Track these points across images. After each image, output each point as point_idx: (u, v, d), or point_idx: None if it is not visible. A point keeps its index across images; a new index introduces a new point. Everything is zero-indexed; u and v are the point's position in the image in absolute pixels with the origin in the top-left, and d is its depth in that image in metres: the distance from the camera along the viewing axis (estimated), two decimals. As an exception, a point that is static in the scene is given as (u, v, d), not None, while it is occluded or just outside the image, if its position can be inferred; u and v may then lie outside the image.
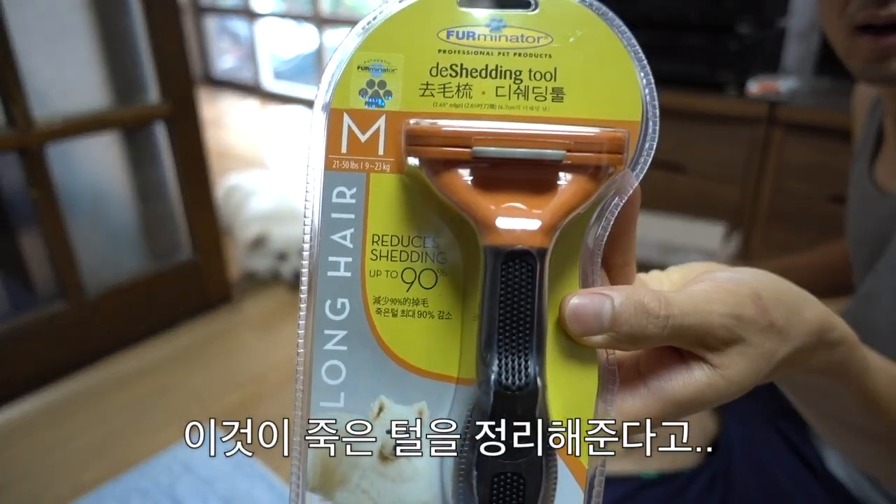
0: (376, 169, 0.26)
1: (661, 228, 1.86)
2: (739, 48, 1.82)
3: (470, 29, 0.26)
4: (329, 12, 3.99)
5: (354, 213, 0.26)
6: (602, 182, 0.26)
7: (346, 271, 0.26)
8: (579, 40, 0.26)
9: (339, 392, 0.27)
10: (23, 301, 1.48)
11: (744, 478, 0.84)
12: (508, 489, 0.25)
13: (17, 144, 1.27)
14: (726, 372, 0.27)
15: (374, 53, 0.25)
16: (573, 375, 0.26)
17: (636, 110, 0.28)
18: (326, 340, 0.26)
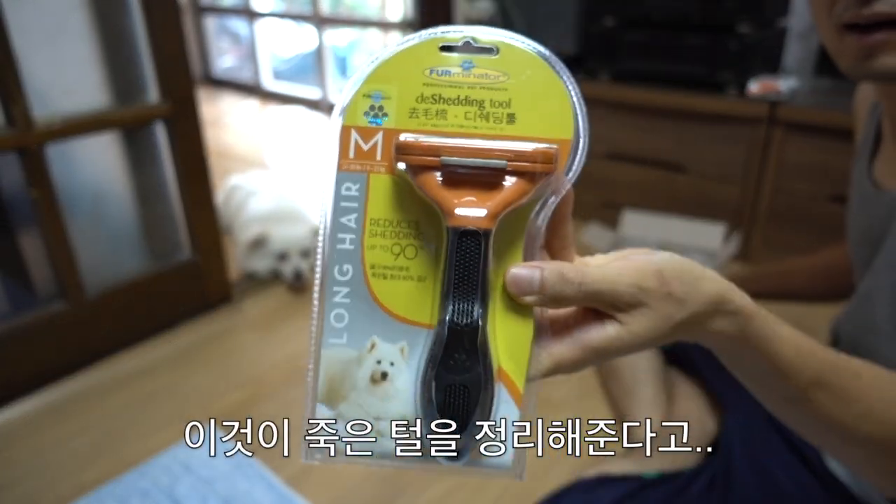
0: (374, 170, 0.35)
1: (661, 228, 1.86)
2: (740, 48, 1.82)
3: (447, 68, 0.35)
4: (329, 12, 3.99)
5: (357, 203, 0.35)
6: (536, 184, 0.34)
7: (350, 245, 0.36)
8: (529, 78, 0.35)
9: (343, 333, 0.35)
10: (22, 301, 1.48)
11: (744, 477, 0.84)
12: (456, 396, 0.35)
13: (17, 144, 1.27)
14: (631, 328, 0.36)
15: (376, 85, 0.35)
16: (516, 326, 0.35)
17: (569, 131, 0.35)
18: (334, 295, 0.35)
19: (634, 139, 2.06)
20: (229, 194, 2.21)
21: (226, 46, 4.93)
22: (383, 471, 1.17)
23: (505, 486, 1.13)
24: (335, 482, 1.14)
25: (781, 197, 1.83)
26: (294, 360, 1.51)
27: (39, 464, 1.20)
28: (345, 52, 4.20)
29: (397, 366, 0.36)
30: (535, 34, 1.68)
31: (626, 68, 2.05)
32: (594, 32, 2.08)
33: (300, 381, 1.43)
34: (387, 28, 3.84)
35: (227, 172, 2.58)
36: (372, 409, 0.37)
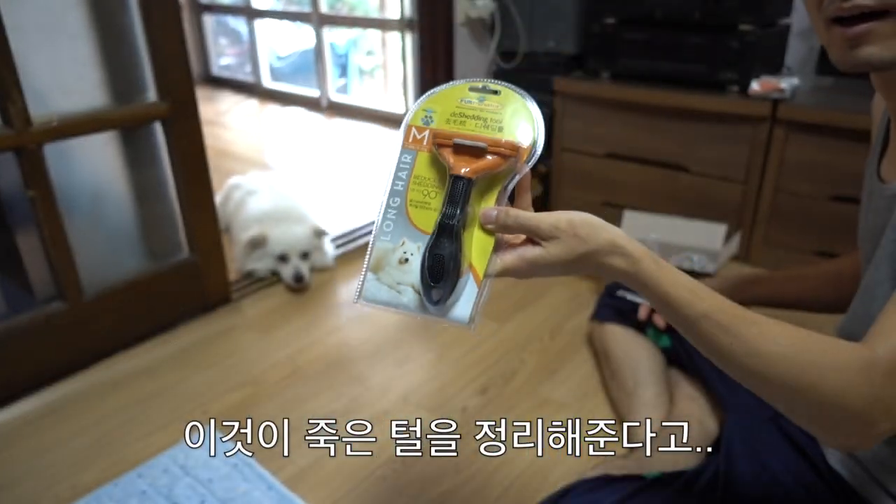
0: (421, 150, 0.62)
1: (661, 228, 1.85)
2: (741, 47, 1.82)
3: (470, 99, 0.62)
4: (328, 10, 3.99)
5: (409, 166, 0.62)
6: (506, 162, 0.59)
7: (401, 188, 0.61)
8: (514, 109, 0.62)
9: (389, 234, 0.61)
10: (21, 301, 1.48)
11: (745, 476, 0.84)
12: (437, 262, 0.57)
13: (15, 144, 1.27)
14: (549, 251, 0.59)
15: (429, 104, 0.64)
16: (483, 241, 0.60)
17: (530, 138, 0.61)
18: (387, 214, 0.61)
19: (635, 139, 2.06)
20: (228, 194, 2.21)
21: (225, 45, 4.92)
22: (383, 471, 1.16)
23: (505, 486, 1.12)
24: (335, 483, 1.14)
25: (783, 196, 1.83)
26: (294, 359, 1.51)
27: (38, 464, 1.19)
28: (344, 50, 4.20)
29: (414, 255, 0.60)
30: (535, 33, 1.70)
31: (627, 67, 2.05)
32: (595, 31, 2.08)
33: (300, 381, 1.42)
34: (386, 27, 3.83)
35: (227, 172, 2.57)
36: (397, 278, 0.61)
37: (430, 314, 0.59)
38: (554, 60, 2.21)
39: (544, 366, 1.47)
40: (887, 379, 0.55)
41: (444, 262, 0.57)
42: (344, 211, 2.42)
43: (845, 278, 1.00)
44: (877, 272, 0.72)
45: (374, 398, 1.37)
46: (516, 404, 1.34)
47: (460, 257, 0.58)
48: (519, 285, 1.85)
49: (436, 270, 0.57)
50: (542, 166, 2.30)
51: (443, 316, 0.59)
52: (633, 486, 0.86)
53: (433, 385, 1.41)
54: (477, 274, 0.60)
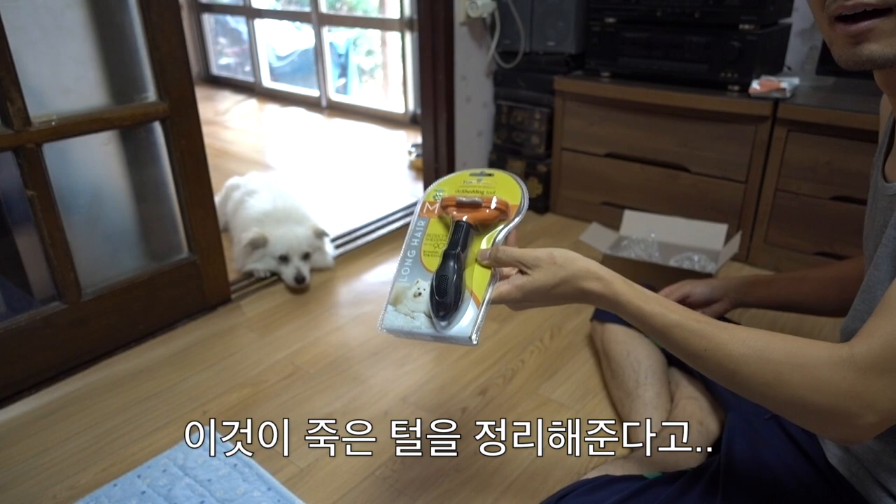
0: (433, 216, 0.82)
1: (662, 228, 1.85)
2: (742, 46, 1.81)
3: (470, 180, 0.85)
4: (328, 10, 3.98)
5: (423, 228, 0.82)
6: (497, 215, 0.78)
7: (416, 244, 0.80)
8: (505, 184, 0.82)
9: (406, 276, 0.77)
10: (19, 301, 1.47)
11: (745, 474, 0.83)
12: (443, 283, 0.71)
13: (14, 143, 1.26)
14: (533, 277, 0.73)
15: (440, 186, 0.86)
16: (483, 274, 0.75)
17: (518, 203, 0.79)
18: (405, 262, 0.78)
19: (635, 138, 2.06)
20: (227, 194, 2.20)
21: (225, 45, 4.92)
22: (383, 472, 1.16)
23: (505, 487, 1.12)
24: (334, 483, 1.14)
25: (783, 196, 1.82)
26: (293, 360, 1.50)
27: (36, 465, 1.19)
28: (344, 50, 4.19)
29: (426, 290, 0.74)
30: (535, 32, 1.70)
31: (627, 67, 2.04)
32: (595, 31, 2.07)
33: (299, 382, 1.42)
34: (386, 26, 3.83)
35: (226, 172, 2.57)
36: (412, 307, 0.75)
37: (438, 332, 0.72)
38: (554, 60, 2.21)
39: (544, 366, 1.46)
40: (864, 375, 0.59)
41: (448, 280, 0.71)
42: (344, 211, 2.42)
43: (850, 281, 1.00)
44: (877, 271, 0.72)
45: (374, 398, 1.36)
46: (516, 404, 1.34)
47: (462, 281, 0.73)
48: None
49: (441, 287, 0.71)
50: (543, 166, 2.30)
51: (448, 331, 0.71)
52: (634, 487, 0.85)
53: (433, 385, 1.41)
54: (477, 298, 0.73)
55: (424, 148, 2.40)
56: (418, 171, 2.71)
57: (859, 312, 0.78)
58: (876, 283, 0.73)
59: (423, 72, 2.26)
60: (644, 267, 1.66)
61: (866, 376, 0.59)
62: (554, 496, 0.88)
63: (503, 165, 2.40)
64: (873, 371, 0.59)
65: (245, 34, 4.49)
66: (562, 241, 2.12)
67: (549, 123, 2.25)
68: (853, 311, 0.80)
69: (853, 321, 0.80)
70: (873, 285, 0.73)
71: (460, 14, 2.18)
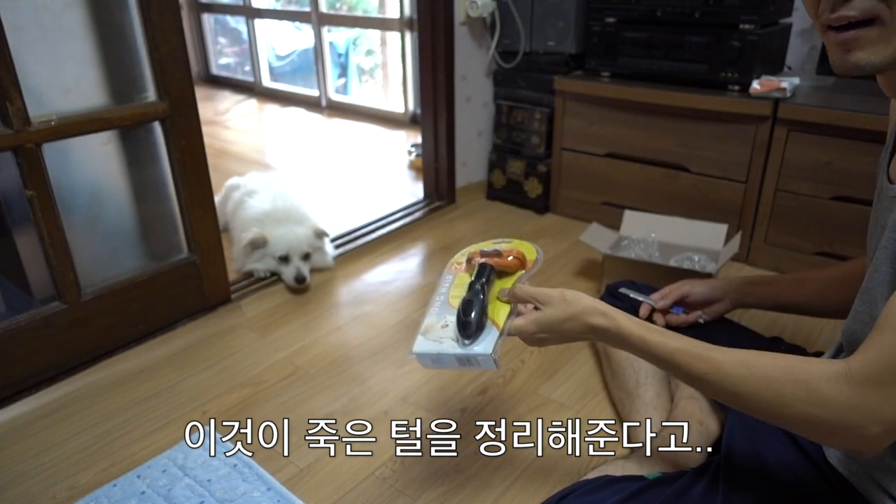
0: (460, 272, 0.97)
1: (662, 228, 1.85)
2: (742, 46, 1.81)
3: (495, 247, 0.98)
4: (328, 10, 3.98)
5: (450, 280, 0.95)
6: (517, 266, 0.92)
7: (445, 291, 0.93)
8: (521, 245, 0.98)
9: (435, 314, 0.89)
10: (19, 301, 1.47)
11: (746, 474, 0.83)
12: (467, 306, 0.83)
13: (13, 143, 1.26)
14: (545, 312, 0.82)
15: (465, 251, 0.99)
16: (502, 308, 0.86)
17: (534, 256, 0.95)
18: (435, 304, 0.91)
19: (635, 138, 2.05)
20: (227, 194, 2.20)
21: (225, 45, 4.92)
22: (383, 472, 1.16)
23: (506, 486, 1.12)
24: (334, 483, 1.14)
25: (783, 196, 1.82)
26: (293, 360, 1.50)
27: (36, 465, 1.19)
28: (343, 50, 4.19)
29: (451, 322, 0.85)
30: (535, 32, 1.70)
31: (628, 67, 2.04)
32: (595, 30, 2.07)
33: (299, 382, 1.42)
34: (386, 26, 3.83)
35: (226, 171, 2.57)
36: (439, 335, 0.85)
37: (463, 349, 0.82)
38: (554, 60, 2.20)
39: (544, 366, 1.46)
40: (861, 388, 0.62)
41: (472, 303, 0.83)
42: (344, 211, 2.42)
43: (852, 281, 1.00)
44: (877, 273, 0.72)
45: (373, 398, 1.36)
46: (516, 404, 1.34)
47: (485, 308, 0.84)
48: (519, 285, 1.84)
49: (467, 309, 0.83)
50: (543, 166, 2.30)
51: (472, 348, 0.81)
52: (634, 487, 0.85)
53: (433, 385, 1.40)
54: (497, 325, 0.84)
55: (424, 148, 2.40)
56: (418, 171, 2.71)
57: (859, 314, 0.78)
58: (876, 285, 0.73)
59: (423, 72, 2.26)
60: (644, 267, 1.66)
61: (863, 389, 0.61)
62: (554, 496, 0.88)
63: (503, 165, 2.40)
64: (870, 383, 0.61)
65: (245, 34, 4.49)
66: (562, 241, 2.12)
67: (549, 123, 2.25)
68: (854, 311, 0.80)
69: (854, 322, 0.80)
70: (873, 287, 0.74)
71: (460, 14, 2.18)
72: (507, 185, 2.42)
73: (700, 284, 1.20)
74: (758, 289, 1.17)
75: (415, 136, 3.32)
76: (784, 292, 1.13)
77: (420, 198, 2.47)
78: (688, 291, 1.19)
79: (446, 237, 2.19)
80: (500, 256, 0.90)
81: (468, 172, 2.46)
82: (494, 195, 2.48)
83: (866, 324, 0.78)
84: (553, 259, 2.00)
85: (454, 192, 2.42)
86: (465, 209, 2.41)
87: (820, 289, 1.08)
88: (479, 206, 2.45)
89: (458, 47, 2.22)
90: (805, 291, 1.10)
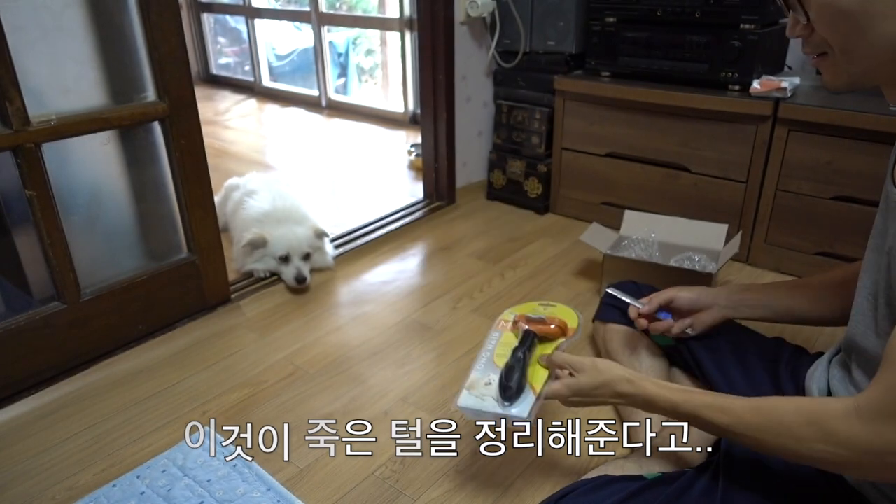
0: (506, 330, 1.09)
1: (662, 228, 1.84)
2: (743, 46, 1.81)
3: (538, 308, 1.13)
4: (327, 10, 3.98)
5: (496, 339, 1.07)
6: (558, 333, 1.03)
7: (490, 348, 1.04)
8: (564, 311, 1.10)
9: (480, 370, 0.99)
10: (18, 302, 1.47)
11: (745, 474, 0.83)
12: (510, 370, 0.95)
13: (13, 143, 1.26)
14: (579, 379, 0.91)
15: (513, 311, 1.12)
16: (541, 373, 0.96)
17: (575, 325, 1.05)
18: (481, 360, 1.02)
19: (635, 138, 2.05)
20: (226, 194, 2.20)
21: (224, 44, 4.92)
22: (383, 472, 1.16)
23: (506, 487, 1.12)
24: (334, 483, 1.14)
25: (784, 196, 1.82)
26: (293, 360, 1.50)
27: (35, 466, 1.19)
28: (343, 49, 4.19)
29: (494, 381, 0.95)
30: (535, 32, 1.69)
31: (628, 66, 2.04)
32: (595, 30, 2.07)
33: (299, 382, 1.42)
34: (386, 26, 3.83)
35: (226, 171, 2.57)
36: (483, 392, 0.94)
37: (502, 410, 0.91)
38: (554, 59, 2.20)
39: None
40: (873, 423, 0.65)
41: (513, 370, 0.93)
42: (344, 211, 2.41)
43: (848, 287, 1.00)
44: (880, 276, 0.72)
45: (374, 398, 1.36)
46: (516, 404, 1.33)
47: (525, 375, 0.94)
48: (520, 286, 1.84)
49: (509, 375, 0.93)
50: (543, 166, 2.29)
51: (510, 410, 0.90)
52: (634, 487, 0.85)
53: (433, 385, 1.40)
54: (535, 391, 0.93)
55: (424, 148, 2.39)
56: (418, 171, 2.70)
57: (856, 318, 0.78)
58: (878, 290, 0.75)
59: (423, 71, 2.26)
60: (644, 267, 1.66)
61: (875, 423, 0.64)
62: (554, 496, 0.88)
63: (503, 165, 2.40)
64: (881, 417, 0.64)
65: (245, 34, 4.49)
66: (562, 241, 2.12)
67: (549, 123, 2.25)
68: (851, 317, 0.80)
69: (850, 326, 0.80)
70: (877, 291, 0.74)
71: (460, 13, 2.18)
72: (508, 184, 2.42)
73: (686, 290, 1.16)
74: (750, 295, 1.12)
75: (415, 135, 3.32)
76: (778, 299, 1.10)
77: (420, 198, 2.47)
78: (673, 296, 1.15)
79: (446, 237, 2.19)
80: (543, 324, 1.01)
81: (468, 172, 2.46)
82: (494, 195, 2.48)
83: (861, 330, 0.78)
84: (553, 259, 2.00)
85: (454, 191, 2.42)
86: (465, 209, 2.41)
87: (818, 294, 1.06)
88: (479, 206, 2.45)
89: (458, 47, 2.22)
90: (800, 297, 1.07)
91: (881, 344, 0.76)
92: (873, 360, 0.78)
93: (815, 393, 0.90)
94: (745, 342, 1.13)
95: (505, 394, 0.91)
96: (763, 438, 0.73)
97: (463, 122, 2.34)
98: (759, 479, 0.83)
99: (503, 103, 2.35)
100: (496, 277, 1.89)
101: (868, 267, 0.80)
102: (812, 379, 0.94)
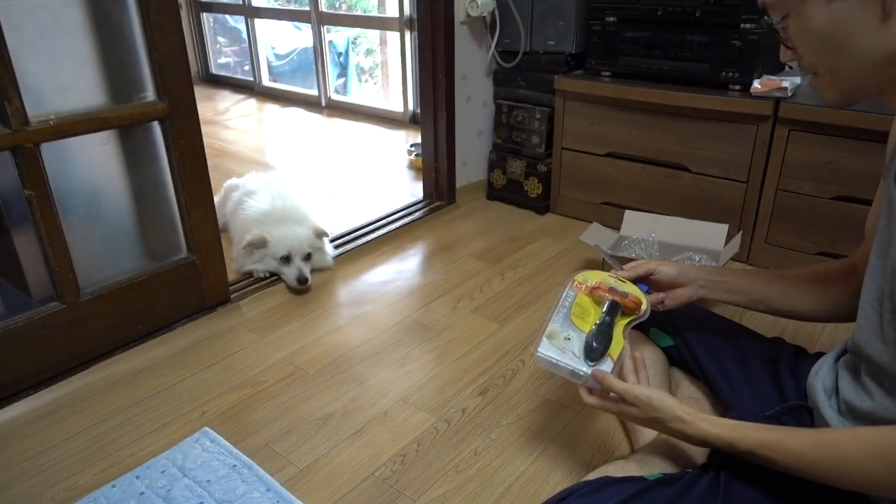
0: (580, 292, 1.07)
1: (663, 228, 1.84)
2: (743, 46, 1.81)
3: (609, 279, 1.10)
4: (327, 9, 3.98)
5: (572, 298, 1.07)
6: (635, 310, 1.03)
7: (567, 305, 1.05)
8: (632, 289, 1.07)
9: (559, 323, 1.02)
10: (17, 302, 1.47)
11: (746, 473, 0.83)
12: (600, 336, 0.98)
13: (12, 143, 1.26)
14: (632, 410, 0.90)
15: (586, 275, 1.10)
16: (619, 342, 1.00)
17: (645, 305, 1.04)
18: (558, 314, 1.04)
19: (636, 138, 2.05)
20: (226, 194, 2.20)
21: (224, 44, 4.91)
22: (383, 472, 1.16)
23: (505, 487, 1.12)
24: (334, 483, 1.13)
25: (784, 196, 1.82)
26: (293, 360, 1.50)
27: (34, 466, 1.19)
28: (343, 49, 4.19)
29: (572, 338, 0.99)
30: (535, 32, 1.69)
31: (628, 66, 2.04)
32: (595, 30, 2.07)
33: (299, 382, 1.42)
34: (386, 25, 3.82)
35: (226, 171, 2.57)
36: (562, 345, 0.98)
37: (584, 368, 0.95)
38: (554, 59, 2.20)
39: (545, 366, 1.46)
40: None
41: (604, 334, 0.98)
42: (344, 211, 2.41)
43: (829, 282, 1.00)
44: (886, 283, 0.73)
45: (373, 398, 1.36)
46: (516, 404, 1.33)
47: (609, 340, 0.98)
48: (520, 286, 1.84)
49: (599, 337, 0.98)
50: (543, 166, 2.29)
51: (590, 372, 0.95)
52: (634, 488, 0.85)
53: (433, 385, 1.40)
54: (612, 357, 0.97)
55: (424, 147, 2.39)
56: (418, 170, 2.70)
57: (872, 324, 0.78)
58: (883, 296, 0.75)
59: (423, 71, 2.26)
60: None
61: None
62: (554, 497, 0.88)
63: (503, 165, 2.40)
64: None
65: (244, 33, 4.49)
66: (562, 241, 2.12)
67: (549, 123, 2.24)
68: (860, 326, 0.80)
69: (861, 330, 0.80)
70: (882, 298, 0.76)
71: (460, 13, 2.18)
72: (508, 184, 2.42)
73: (668, 265, 1.15)
74: (728, 279, 1.11)
75: (415, 135, 3.32)
76: (754, 286, 1.08)
77: (420, 198, 2.46)
78: (654, 268, 1.12)
79: (446, 237, 2.18)
80: (624, 297, 1.03)
81: (468, 172, 2.46)
82: (494, 195, 2.48)
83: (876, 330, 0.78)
84: (553, 259, 2.00)
85: (454, 191, 2.41)
86: (465, 209, 2.41)
87: (793, 286, 1.05)
88: (479, 205, 2.45)
89: (458, 47, 2.21)
90: (776, 288, 1.06)
91: (887, 351, 0.76)
92: (880, 367, 0.77)
93: (820, 391, 0.90)
94: (746, 342, 1.13)
95: (590, 354, 0.96)
96: (826, 475, 0.73)
97: (463, 121, 2.33)
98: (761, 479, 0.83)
99: (503, 103, 2.35)
100: (496, 277, 1.89)
101: (873, 272, 0.79)
102: (817, 377, 0.93)
